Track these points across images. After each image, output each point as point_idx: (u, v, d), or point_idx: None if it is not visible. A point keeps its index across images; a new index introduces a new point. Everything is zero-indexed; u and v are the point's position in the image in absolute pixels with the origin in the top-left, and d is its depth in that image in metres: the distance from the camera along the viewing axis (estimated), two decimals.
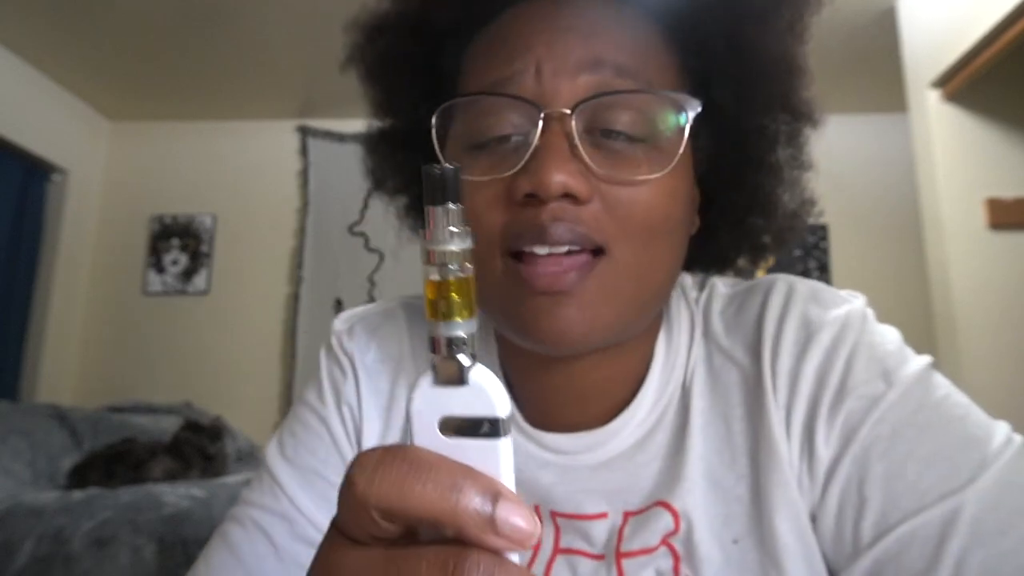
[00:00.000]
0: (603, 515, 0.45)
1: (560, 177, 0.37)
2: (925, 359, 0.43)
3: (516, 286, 0.40)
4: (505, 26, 0.44)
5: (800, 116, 0.46)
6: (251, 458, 2.46)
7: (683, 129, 0.41)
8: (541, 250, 0.39)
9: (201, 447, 1.93)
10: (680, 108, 0.41)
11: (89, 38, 2.70)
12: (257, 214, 3.31)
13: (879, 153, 3.15)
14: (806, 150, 0.48)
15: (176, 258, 3.28)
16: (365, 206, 3.24)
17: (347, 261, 3.19)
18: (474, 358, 0.24)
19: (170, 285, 3.26)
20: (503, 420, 0.24)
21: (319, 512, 0.47)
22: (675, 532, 0.43)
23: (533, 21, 0.43)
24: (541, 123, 0.39)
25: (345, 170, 3.28)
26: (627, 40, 0.42)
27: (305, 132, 3.34)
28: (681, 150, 0.41)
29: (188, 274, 3.26)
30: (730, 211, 0.48)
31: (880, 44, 2.52)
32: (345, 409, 0.50)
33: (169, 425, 2.35)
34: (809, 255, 3.11)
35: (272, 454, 0.50)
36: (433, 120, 0.42)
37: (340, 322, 0.54)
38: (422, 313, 0.54)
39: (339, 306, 3.15)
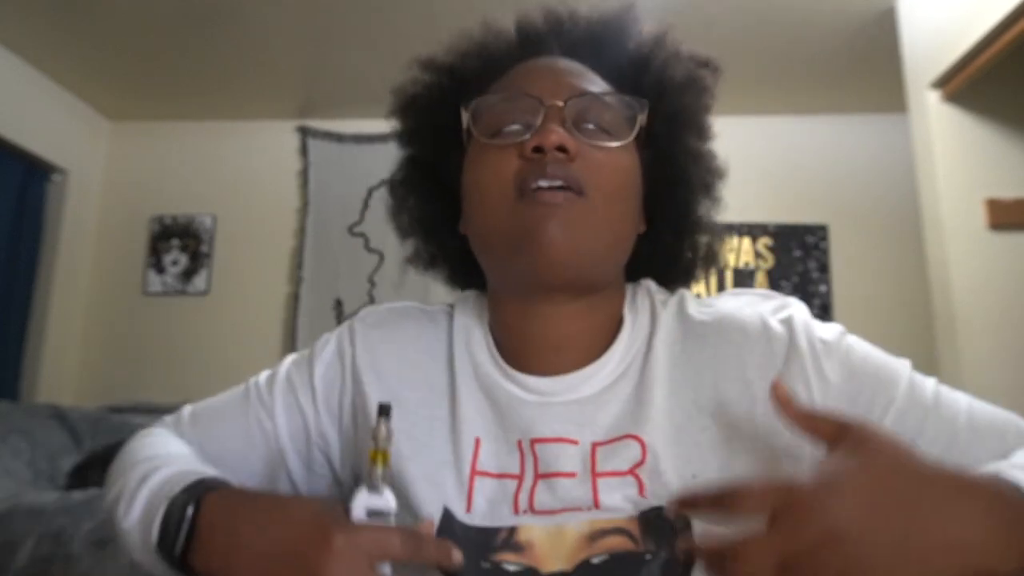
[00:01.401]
0: (575, 441, 0.56)
1: (555, 136, 0.55)
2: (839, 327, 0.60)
3: (522, 214, 0.56)
4: (513, 74, 0.63)
5: (708, 163, 0.67)
6: None
7: (635, 118, 0.61)
8: (543, 183, 0.55)
9: None
10: (633, 107, 0.61)
11: (89, 38, 2.70)
12: (257, 214, 3.31)
13: (879, 153, 3.15)
14: (716, 188, 0.67)
15: (176, 258, 3.28)
16: (365, 206, 3.24)
17: (347, 261, 3.19)
18: (385, 483, 0.49)
19: (170, 285, 3.26)
20: (394, 511, 0.49)
21: (285, 421, 0.64)
22: (642, 463, 0.54)
23: (535, 70, 0.62)
24: (544, 111, 0.57)
25: (345, 170, 3.28)
26: (596, 80, 0.62)
27: (305, 132, 3.34)
28: (635, 130, 0.60)
29: (188, 274, 3.26)
30: (667, 226, 0.66)
31: (880, 44, 2.52)
32: (347, 366, 0.65)
33: None
34: (809, 255, 3.11)
35: (289, 364, 0.67)
36: (470, 109, 0.61)
37: (361, 313, 0.69)
38: (423, 313, 0.69)
39: (339, 306, 3.15)
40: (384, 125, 0.71)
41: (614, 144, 0.58)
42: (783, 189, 3.19)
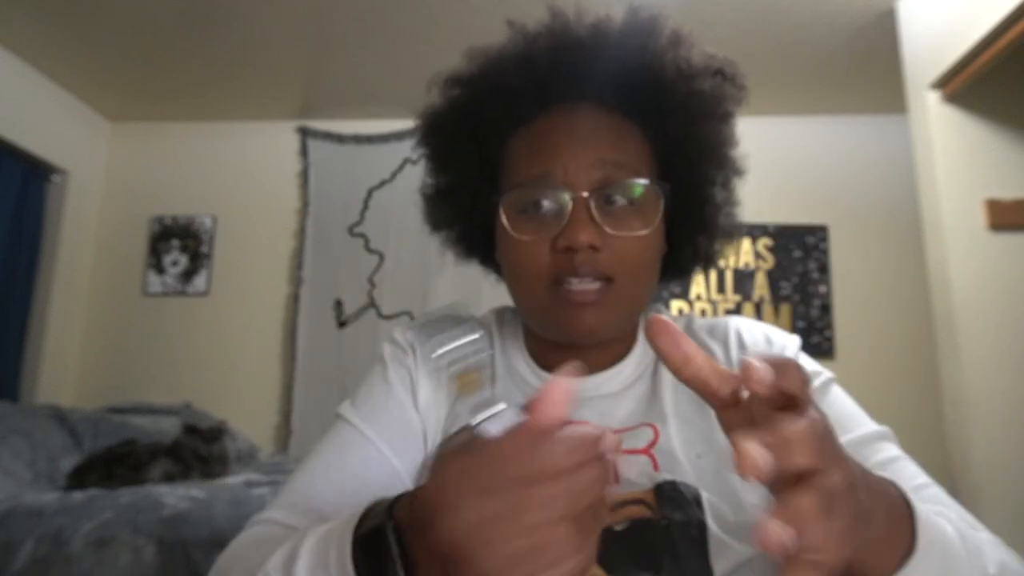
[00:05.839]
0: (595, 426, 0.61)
1: (585, 237, 0.60)
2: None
3: (557, 301, 0.63)
4: (538, 132, 0.66)
5: (730, 171, 0.70)
6: (251, 459, 2.46)
7: (659, 203, 0.64)
8: (575, 280, 0.62)
9: (195, 449, 1.93)
10: (656, 188, 0.64)
11: (89, 38, 2.70)
12: (257, 215, 3.31)
13: (879, 153, 3.15)
14: (735, 192, 0.72)
15: (176, 259, 3.28)
16: (365, 207, 3.24)
17: (347, 262, 3.20)
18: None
19: (170, 286, 3.26)
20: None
21: (380, 438, 0.67)
22: (655, 443, 0.62)
23: (558, 131, 0.65)
24: (571, 202, 0.61)
25: (345, 171, 3.28)
26: (618, 141, 0.65)
27: (305, 133, 3.34)
28: (659, 217, 0.64)
29: (188, 275, 3.26)
30: (686, 236, 0.71)
31: (880, 45, 2.53)
32: (404, 372, 0.71)
33: (168, 426, 2.35)
34: (809, 256, 3.11)
35: (347, 408, 0.70)
36: (500, 200, 0.65)
37: (399, 327, 0.75)
38: (458, 319, 0.76)
39: (339, 306, 3.15)
40: (384, 126, 0.74)
41: (640, 233, 0.63)
42: (783, 189, 3.19)
